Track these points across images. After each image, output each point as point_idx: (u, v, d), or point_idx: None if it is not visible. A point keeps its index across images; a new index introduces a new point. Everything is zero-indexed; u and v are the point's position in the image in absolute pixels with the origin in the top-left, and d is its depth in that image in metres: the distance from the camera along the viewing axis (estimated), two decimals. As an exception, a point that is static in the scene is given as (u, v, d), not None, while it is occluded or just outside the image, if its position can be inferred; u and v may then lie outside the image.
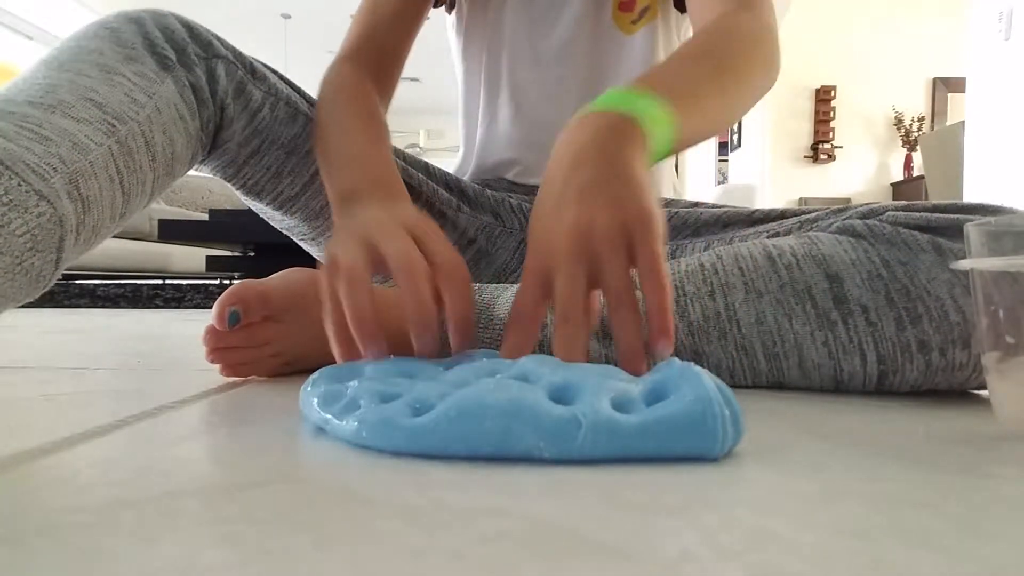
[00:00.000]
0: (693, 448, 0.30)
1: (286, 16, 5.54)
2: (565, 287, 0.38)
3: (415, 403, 0.32)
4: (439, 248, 0.43)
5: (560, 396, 0.32)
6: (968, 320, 0.47)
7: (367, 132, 0.60)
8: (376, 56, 0.70)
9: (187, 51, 0.56)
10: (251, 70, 0.62)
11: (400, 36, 0.72)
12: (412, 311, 0.39)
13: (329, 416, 0.34)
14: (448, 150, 6.56)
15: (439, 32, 0.80)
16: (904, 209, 0.52)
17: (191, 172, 0.62)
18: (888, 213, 0.52)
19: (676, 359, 0.36)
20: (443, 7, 0.83)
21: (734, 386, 0.52)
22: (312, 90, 0.67)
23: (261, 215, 0.73)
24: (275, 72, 0.66)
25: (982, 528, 0.23)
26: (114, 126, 0.47)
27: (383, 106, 0.69)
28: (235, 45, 0.61)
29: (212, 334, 0.52)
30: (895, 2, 4.57)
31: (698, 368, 0.33)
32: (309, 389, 0.38)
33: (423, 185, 0.73)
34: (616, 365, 0.38)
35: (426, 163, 0.76)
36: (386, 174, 0.55)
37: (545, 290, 0.39)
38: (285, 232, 0.74)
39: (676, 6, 0.80)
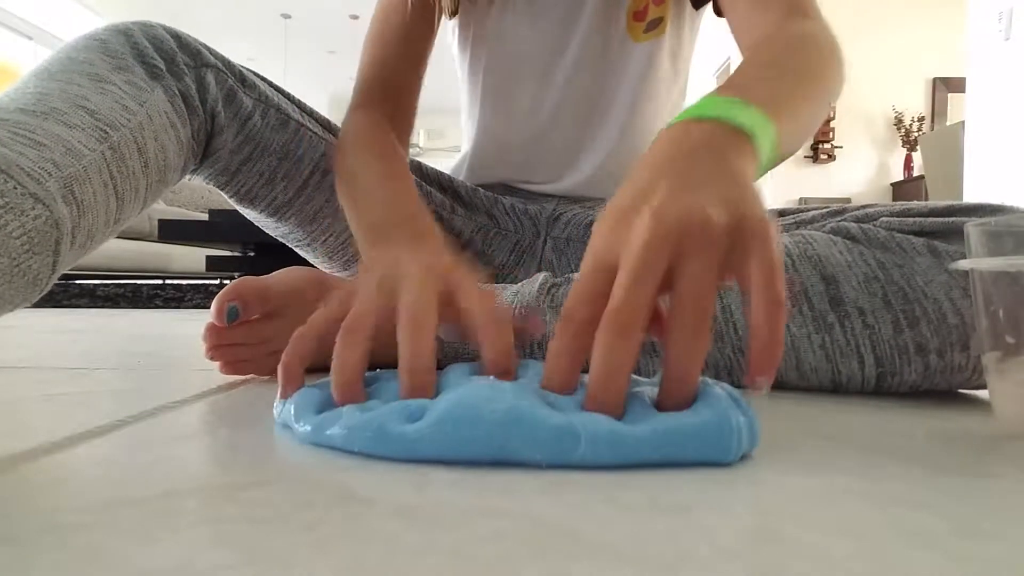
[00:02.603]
0: (704, 459, 0.29)
1: (286, 16, 5.54)
2: (629, 283, 0.30)
3: (407, 407, 0.31)
4: (472, 293, 0.39)
5: (561, 400, 0.31)
6: (967, 322, 0.47)
7: (390, 173, 0.59)
8: (388, 98, 0.69)
9: (176, 60, 0.56)
10: (241, 78, 0.62)
11: (409, 73, 0.71)
12: (405, 376, 0.34)
13: (312, 427, 0.33)
14: (448, 150, 6.56)
15: (439, 32, 0.79)
16: (899, 214, 0.52)
17: (191, 172, 0.62)
18: (882, 219, 0.52)
19: None
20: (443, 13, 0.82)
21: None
22: (312, 89, 0.67)
23: (256, 223, 0.73)
24: (265, 80, 0.66)
25: (982, 528, 0.23)
26: (106, 132, 0.47)
27: (403, 146, 0.68)
28: (235, 45, 0.61)
29: (212, 331, 0.52)
30: (895, 2, 4.57)
31: (709, 380, 0.32)
32: (290, 407, 0.36)
33: (416, 187, 0.73)
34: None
35: (419, 163, 0.76)
36: (415, 211, 0.54)
37: (605, 289, 0.31)
38: (280, 239, 0.74)
39: (694, 5, 0.77)
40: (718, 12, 0.71)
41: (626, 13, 0.75)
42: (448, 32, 0.86)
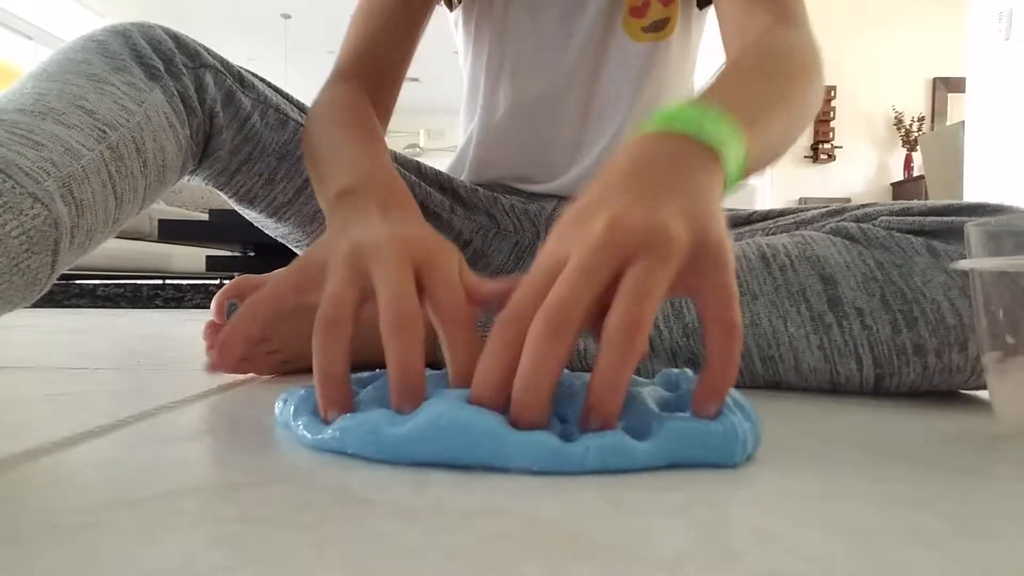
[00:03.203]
0: (708, 463, 0.29)
1: (286, 16, 5.54)
2: (569, 280, 0.28)
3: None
4: (443, 283, 0.35)
5: (562, 409, 0.31)
6: (965, 323, 0.47)
7: (362, 140, 0.54)
8: (372, 72, 0.66)
9: (174, 61, 0.56)
10: (239, 78, 0.62)
11: (397, 50, 0.68)
12: (396, 378, 0.32)
13: (307, 428, 0.33)
14: (448, 150, 6.56)
15: (439, 31, 0.79)
16: (898, 213, 0.52)
17: (190, 172, 0.62)
18: (881, 218, 0.52)
19: (688, 371, 0.35)
20: (442, 4, 0.81)
21: (734, 386, 0.51)
22: (312, 89, 0.66)
23: (256, 223, 0.73)
24: (264, 80, 0.66)
25: (982, 528, 0.23)
26: (105, 132, 0.47)
27: (381, 124, 0.65)
28: (235, 45, 0.62)
29: (212, 329, 0.52)
30: (895, 2, 4.57)
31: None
32: (289, 408, 0.36)
33: (415, 187, 0.72)
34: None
35: (418, 163, 0.75)
36: (386, 175, 0.49)
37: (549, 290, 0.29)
38: (280, 240, 0.74)
39: (699, 5, 0.77)
40: (701, 5, 0.71)
41: (623, 9, 0.75)
42: (451, 27, 0.86)
